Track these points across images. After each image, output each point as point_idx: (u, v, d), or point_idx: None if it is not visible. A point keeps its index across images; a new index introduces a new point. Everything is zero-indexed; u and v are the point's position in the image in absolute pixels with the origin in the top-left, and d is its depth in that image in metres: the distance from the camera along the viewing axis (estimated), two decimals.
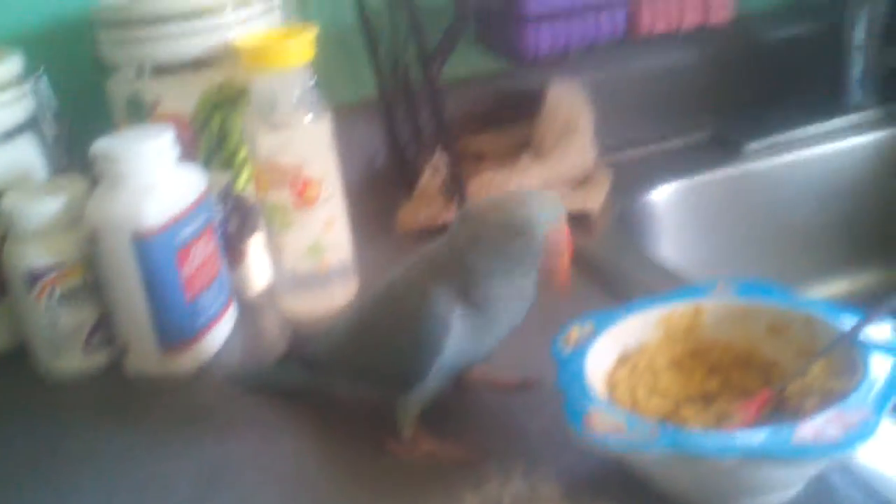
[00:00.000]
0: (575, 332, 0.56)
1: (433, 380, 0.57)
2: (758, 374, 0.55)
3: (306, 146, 0.74)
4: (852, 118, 1.02)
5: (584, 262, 0.78)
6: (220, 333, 0.75)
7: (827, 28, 1.04)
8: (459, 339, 0.55)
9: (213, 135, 0.78)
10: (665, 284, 0.73)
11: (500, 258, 0.54)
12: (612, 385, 0.55)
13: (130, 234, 0.67)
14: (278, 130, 0.73)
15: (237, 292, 0.80)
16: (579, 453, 0.53)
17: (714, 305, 0.58)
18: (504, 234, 0.53)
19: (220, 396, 0.68)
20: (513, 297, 0.56)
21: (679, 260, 0.94)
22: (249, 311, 0.80)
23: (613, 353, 0.56)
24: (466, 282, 0.55)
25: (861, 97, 1.03)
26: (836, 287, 1.00)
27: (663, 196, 0.94)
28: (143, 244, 0.67)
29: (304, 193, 0.74)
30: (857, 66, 1.03)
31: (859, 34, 1.02)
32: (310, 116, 0.73)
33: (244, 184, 0.80)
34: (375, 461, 0.58)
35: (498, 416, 0.60)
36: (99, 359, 0.74)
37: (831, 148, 1.00)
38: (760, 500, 0.48)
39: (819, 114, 1.02)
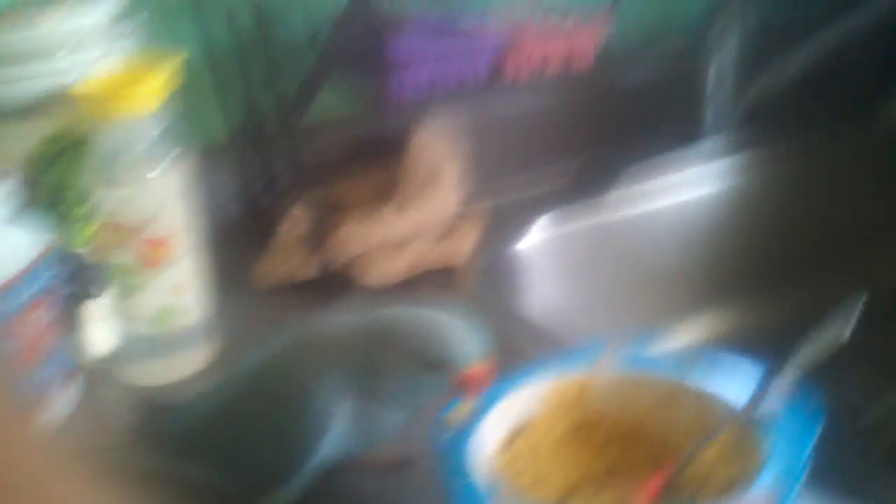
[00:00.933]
0: (456, 412, 0.52)
1: (305, 477, 0.52)
2: (647, 454, 0.53)
3: (153, 202, 0.67)
4: (709, 160, 1.02)
5: None
6: (59, 412, 0.67)
7: (682, 73, 1.05)
8: (341, 435, 0.50)
9: (49, 189, 0.71)
10: (538, 346, 0.71)
11: (408, 385, 0.49)
12: (497, 471, 0.51)
13: None
14: (120, 186, 0.66)
15: (77, 362, 0.72)
16: None
17: (601, 377, 0.55)
18: (418, 366, 0.48)
19: None
20: (410, 403, 0.51)
21: (548, 309, 0.92)
22: (92, 384, 0.72)
23: (499, 431, 0.53)
24: (361, 384, 0.50)
25: (719, 137, 1.04)
26: (700, 326, 1.00)
27: (529, 246, 0.92)
28: None
29: (150, 254, 0.68)
30: (710, 110, 1.04)
31: (711, 79, 1.03)
32: (158, 169, 0.67)
33: (86, 242, 0.73)
34: None
35: (374, 501, 0.56)
36: None
37: (689, 194, 1.00)
38: None
39: (678, 157, 1.02)
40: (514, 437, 0.53)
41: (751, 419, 0.49)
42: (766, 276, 1.03)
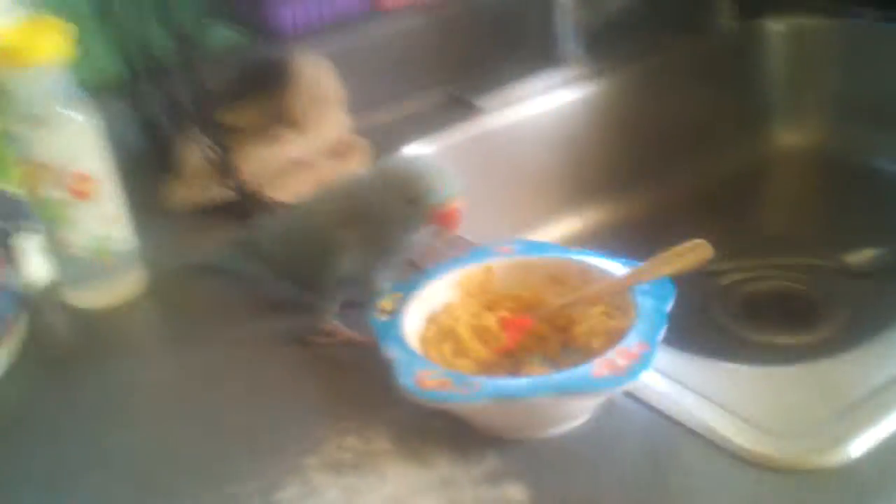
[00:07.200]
0: (388, 302, 0.62)
1: (338, 290, 0.68)
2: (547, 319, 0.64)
3: (77, 141, 0.73)
4: (565, 72, 1.13)
5: None
6: (12, 337, 0.73)
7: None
8: (353, 269, 0.66)
9: None
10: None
11: (397, 220, 0.64)
12: (424, 343, 0.61)
13: None
14: (41, 127, 0.72)
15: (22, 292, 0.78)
16: (405, 405, 0.58)
17: (501, 263, 0.66)
18: (403, 202, 0.62)
19: None
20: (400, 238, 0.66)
21: None
22: (38, 309, 0.78)
23: (422, 315, 0.63)
24: (364, 230, 0.65)
25: (572, 51, 1.14)
26: (569, 225, 1.13)
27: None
28: None
29: (79, 187, 0.74)
30: (564, 23, 1.14)
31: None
32: (73, 111, 0.73)
33: (16, 182, 0.78)
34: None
35: (337, 374, 0.67)
36: None
37: (552, 101, 1.11)
38: (562, 426, 0.58)
39: (537, 68, 1.13)
40: (435, 316, 0.64)
41: (626, 285, 0.61)
42: (618, 178, 1.16)
